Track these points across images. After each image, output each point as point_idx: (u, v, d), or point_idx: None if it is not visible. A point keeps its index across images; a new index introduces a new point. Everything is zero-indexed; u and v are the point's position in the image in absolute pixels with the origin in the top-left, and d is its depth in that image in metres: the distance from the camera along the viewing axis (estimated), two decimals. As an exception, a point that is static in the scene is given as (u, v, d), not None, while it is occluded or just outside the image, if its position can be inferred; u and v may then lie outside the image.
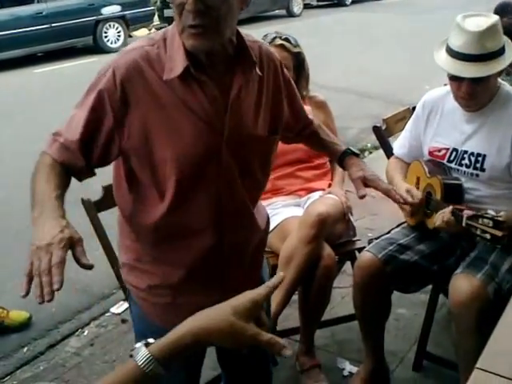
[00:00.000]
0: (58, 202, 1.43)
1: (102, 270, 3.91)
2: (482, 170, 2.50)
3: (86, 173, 1.64)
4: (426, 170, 2.61)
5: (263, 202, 2.10)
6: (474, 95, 2.44)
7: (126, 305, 3.63)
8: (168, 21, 15.84)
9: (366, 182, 1.95)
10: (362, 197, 1.92)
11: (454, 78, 2.42)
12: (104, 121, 1.54)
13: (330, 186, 3.11)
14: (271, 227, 2.64)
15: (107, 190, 2.40)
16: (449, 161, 2.59)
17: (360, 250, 2.99)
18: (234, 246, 1.75)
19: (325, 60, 9.45)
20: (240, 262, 1.81)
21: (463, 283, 2.32)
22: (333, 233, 2.88)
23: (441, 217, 2.36)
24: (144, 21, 14.44)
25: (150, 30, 15.78)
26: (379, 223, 4.26)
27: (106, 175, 1.90)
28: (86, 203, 2.39)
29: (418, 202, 2.49)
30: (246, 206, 1.77)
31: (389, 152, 3.06)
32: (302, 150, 2.88)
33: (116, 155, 1.61)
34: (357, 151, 2.06)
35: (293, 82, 1.91)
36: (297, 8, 18.88)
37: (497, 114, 2.50)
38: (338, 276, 3.12)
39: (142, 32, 15.12)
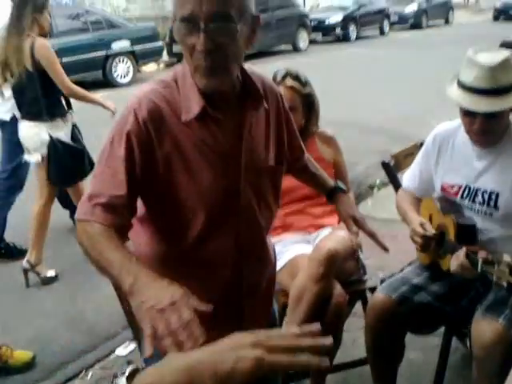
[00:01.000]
0: (141, 266, 1.39)
1: (107, 310, 3.89)
2: (496, 208, 2.43)
3: (129, 229, 1.60)
4: (439, 208, 2.56)
5: (273, 239, 2.12)
6: (488, 131, 2.37)
7: (132, 346, 3.52)
8: (177, 56, 15.97)
9: (354, 222, 1.98)
10: (356, 233, 1.96)
11: (467, 114, 2.36)
12: (137, 165, 1.53)
13: (339, 222, 2.98)
14: (281, 264, 2.67)
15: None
16: (462, 198, 2.53)
17: (371, 289, 2.93)
18: (251, 279, 1.77)
19: (330, 95, 9.39)
20: (256, 296, 1.81)
21: (486, 328, 2.27)
22: (343, 270, 2.82)
23: (456, 261, 2.29)
24: (153, 56, 14.56)
25: (158, 65, 15.92)
26: (390, 262, 4.12)
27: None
28: None
29: (431, 235, 2.43)
30: (262, 237, 1.81)
31: (398, 188, 3.01)
32: (308, 187, 2.82)
33: (148, 199, 1.62)
34: (344, 187, 2.12)
35: (290, 112, 1.91)
36: (302, 43, 19.01)
37: (509, 150, 2.44)
38: (349, 319, 3.02)
39: (150, 67, 15.26)
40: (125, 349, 3.55)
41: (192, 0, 1.43)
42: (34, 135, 4.15)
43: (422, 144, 3.27)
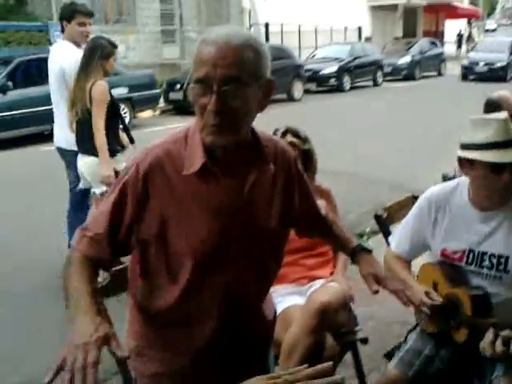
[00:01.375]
0: (91, 299, 1.49)
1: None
2: (506, 271, 2.39)
3: (111, 264, 1.76)
4: (446, 276, 2.48)
5: None
6: (507, 194, 2.36)
7: (121, 392, 3.49)
8: (173, 103, 16.12)
9: (376, 280, 1.96)
10: (376, 292, 1.93)
11: (494, 170, 2.28)
12: (125, 213, 1.62)
13: (332, 273, 3.06)
14: None
15: (114, 276, 2.36)
16: (467, 263, 2.46)
17: (362, 340, 2.96)
18: (238, 335, 1.77)
19: (324, 144, 9.46)
20: (243, 352, 1.81)
21: None
22: (335, 321, 2.80)
23: (488, 343, 2.14)
24: (150, 103, 14.67)
25: (154, 111, 16.00)
26: (380, 312, 4.20)
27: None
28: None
29: (439, 304, 2.37)
30: (254, 294, 1.82)
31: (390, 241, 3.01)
32: (306, 239, 2.80)
33: (135, 245, 1.68)
34: (369, 247, 2.07)
35: (305, 176, 1.94)
36: (297, 93, 19.22)
37: None
38: (338, 368, 2.95)
39: (147, 113, 15.34)
40: (114, 395, 3.52)
41: (208, 63, 1.49)
42: (90, 167, 4.66)
43: (414, 197, 3.28)
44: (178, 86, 15.76)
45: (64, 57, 4.84)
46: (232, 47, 1.50)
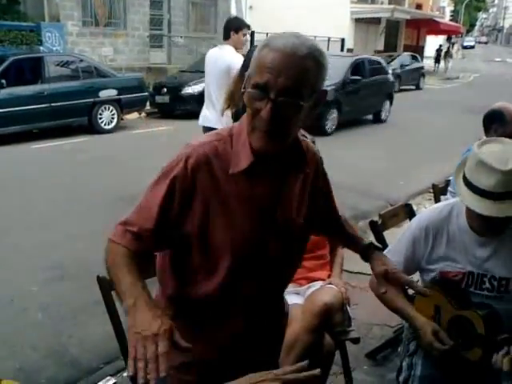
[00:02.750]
0: (147, 293, 1.53)
1: (90, 345, 3.99)
2: (507, 292, 2.37)
3: (152, 257, 1.79)
4: (448, 298, 2.39)
5: None
6: (503, 227, 2.32)
7: (113, 380, 3.63)
8: (159, 107, 16.11)
9: (388, 276, 1.92)
10: (383, 293, 1.93)
11: (483, 217, 2.22)
12: (174, 208, 1.62)
13: (329, 276, 3.11)
14: None
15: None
16: (466, 285, 2.41)
17: (353, 340, 3.03)
18: (263, 326, 1.83)
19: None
20: (265, 344, 1.88)
21: None
22: (333, 321, 2.87)
23: (508, 363, 2.11)
24: (137, 105, 14.62)
25: (140, 114, 15.93)
26: (360, 313, 4.27)
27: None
28: (101, 280, 2.38)
29: (449, 348, 2.26)
30: (281, 290, 1.91)
31: (383, 247, 3.03)
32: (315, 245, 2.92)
33: (178, 240, 1.68)
34: (379, 245, 2.08)
35: (327, 177, 1.96)
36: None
37: None
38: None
39: (132, 115, 15.26)
40: (106, 383, 3.62)
41: (270, 71, 1.49)
42: None
43: (407, 205, 3.39)
44: (165, 89, 15.78)
45: (232, 57, 5.69)
46: (297, 58, 1.49)
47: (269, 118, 1.51)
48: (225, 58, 5.76)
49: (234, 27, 5.91)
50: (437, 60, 38.62)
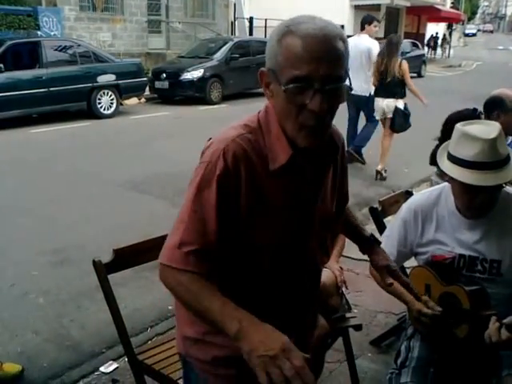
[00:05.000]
0: (243, 310, 1.42)
1: (92, 329, 3.99)
2: (499, 274, 2.37)
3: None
4: (438, 277, 2.43)
5: None
6: (489, 203, 2.33)
7: (115, 365, 3.63)
8: (158, 92, 16.13)
9: (389, 273, 1.94)
10: (390, 284, 1.92)
11: (469, 190, 2.25)
12: (230, 209, 1.49)
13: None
14: None
15: (118, 252, 2.47)
16: (458, 268, 2.43)
17: (355, 327, 3.02)
18: (301, 327, 1.79)
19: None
20: (302, 337, 1.81)
21: None
22: (328, 306, 2.85)
23: (494, 333, 2.13)
24: (136, 90, 14.69)
25: (139, 99, 15.98)
26: (364, 300, 4.31)
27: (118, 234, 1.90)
28: (97, 264, 2.40)
29: (438, 313, 2.29)
30: (317, 279, 1.85)
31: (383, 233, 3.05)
32: None
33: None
34: (379, 240, 2.07)
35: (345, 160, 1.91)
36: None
37: (501, 218, 2.38)
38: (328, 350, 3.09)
39: (132, 101, 15.31)
40: (107, 367, 3.62)
41: (310, 61, 1.38)
42: (388, 106, 8.07)
43: (407, 192, 3.37)
44: (164, 75, 15.80)
45: (369, 42, 8.59)
46: (332, 41, 1.41)
47: (321, 110, 1.41)
48: (364, 43, 8.55)
49: (368, 21, 8.83)
50: (433, 47, 38.37)
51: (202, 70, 15.82)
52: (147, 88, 15.61)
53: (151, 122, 12.86)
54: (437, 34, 39.83)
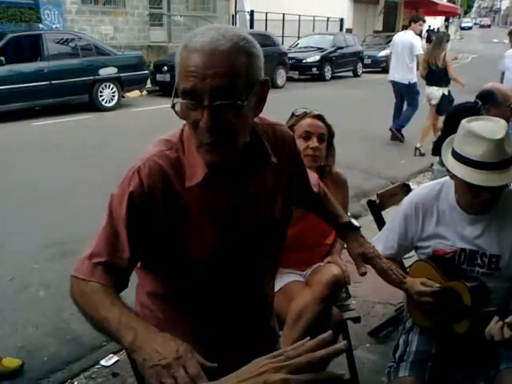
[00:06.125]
0: (142, 320, 1.35)
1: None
2: (498, 269, 2.35)
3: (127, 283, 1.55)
4: (439, 271, 2.40)
5: None
6: (492, 202, 2.29)
7: (115, 358, 3.57)
8: (160, 85, 16.07)
9: (365, 260, 1.92)
10: (363, 274, 1.87)
11: (472, 189, 2.21)
12: (140, 225, 1.47)
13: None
14: (276, 288, 2.52)
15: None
16: (459, 262, 2.39)
17: (353, 319, 3.00)
18: (246, 316, 1.72)
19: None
20: (250, 328, 1.75)
21: None
22: (339, 296, 2.88)
23: (499, 332, 2.10)
24: (138, 83, 14.65)
25: (141, 92, 15.94)
26: (362, 291, 4.27)
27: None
28: None
29: (438, 289, 2.30)
30: (262, 280, 1.75)
31: (381, 225, 3.05)
32: (318, 235, 2.88)
33: (145, 255, 1.55)
34: (357, 225, 2.01)
35: (301, 155, 1.86)
36: (280, 80, 19.20)
37: (502, 213, 2.35)
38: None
39: (134, 93, 15.28)
40: (108, 360, 3.57)
41: (195, 74, 1.31)
42: (432, 93, 9.11)
43: (404, 185, 3.33)
44: (165, 67, 15.71)
45: (413, 39, 9.81)
46: (221, 53, 1.31)
47: (209, 128, 1.33)
48: (409, 39, 9.85)
49: (414, 20, 10.20)
50: (429, 40, 38.27)
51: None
52: (149, 81, 15.53)
53: (153, 115, 12.78)
54: (429, 26, 39.64)
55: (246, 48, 1.35)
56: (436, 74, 8.97)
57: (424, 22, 10.75)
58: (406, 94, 10.13)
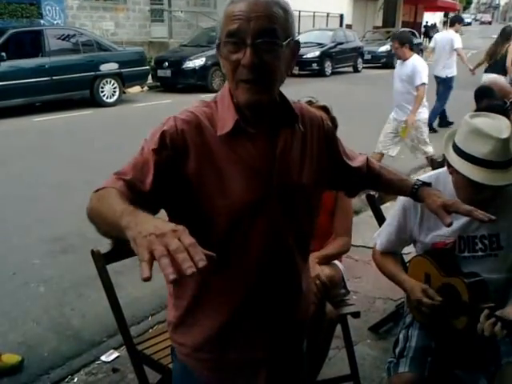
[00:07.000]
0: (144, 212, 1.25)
1: (93, 318, 3.90)
2: (500, 248, 2.34)
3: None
4: (438, 266, 2.38)
5: None
6: (491, 199, 2.26)
7: (116, 354, 3.55)
8: (161, 81, 16.04)
9: (447, 208, 1.86)
10: (449, 224, 1.82)
11: (473, 185, 2.19)
12: (167, 162, 1.49)
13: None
14: None
15: (116, 243, 2.37)
16: (460, 251, 2.37)
17: (354, 314, 2.98)
18: (275, 294, 1.68)
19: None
20: (279, 313, 1.71)
21: None
22: (334, 294, 2.87)
23: (490, 327, 2.06)
24: (139, 79, 14.61)
25: (142, 87, 15.91)
26: (362, 286, 4.26)
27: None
28: (96, 254, 2.35)
29: (438, 303, 2.25)
30: (289, 254, 1.68)
31: (380, 220, 3.05)
32: (323, 227, 2.84)
33: (168, 200, 1.54)
34: (427, 181, 1.99)
35: (335, 133, 1.85)
36: (280, 76, 19.12)
37: (501, 205, 2.31)
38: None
39: (135, 89, 15.25)
40: (109, 356, 3.54)
41: (241, 18, 1.44)
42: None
43: None
44: (166, 63, 15.72)
45: (454, 37, 10.70)
46: (263, 3, 1.46)
47: (251, 64, 1.44)
48: (449, 36, 10.83)
49: (456, 20, 11.28)
50: (427, 36, 38.21)
51: (203, 59, 15.74)
52: (150, 76, 15.52)
53: (154, 110, 12.75)
54: (427, 22, 39.59)
55: (282, 4, 1.51)
56: (498, 64, 9.74)
57: (462, 23, 12.53)
58: (440, 87, 10.93)
